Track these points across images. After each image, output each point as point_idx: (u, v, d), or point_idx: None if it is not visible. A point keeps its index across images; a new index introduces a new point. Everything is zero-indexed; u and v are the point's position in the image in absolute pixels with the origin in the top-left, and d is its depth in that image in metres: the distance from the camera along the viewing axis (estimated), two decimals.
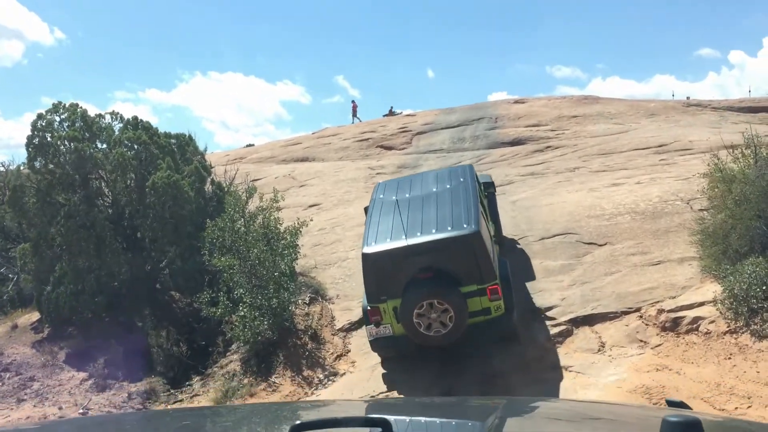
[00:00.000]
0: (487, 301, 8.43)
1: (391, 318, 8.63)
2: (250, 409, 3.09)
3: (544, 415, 2.40)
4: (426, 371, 9.14)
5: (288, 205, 18.11)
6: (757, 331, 8.28)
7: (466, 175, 9.80)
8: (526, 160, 19.82)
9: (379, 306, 8.61)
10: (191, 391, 10.13)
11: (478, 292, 8.39)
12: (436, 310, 8.36)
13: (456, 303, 8.29)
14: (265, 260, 10.48)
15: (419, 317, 8.37)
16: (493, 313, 8.51)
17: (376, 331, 8.77)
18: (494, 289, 8.44)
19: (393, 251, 8.47)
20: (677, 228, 11.06)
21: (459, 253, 8.33)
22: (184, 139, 12.98)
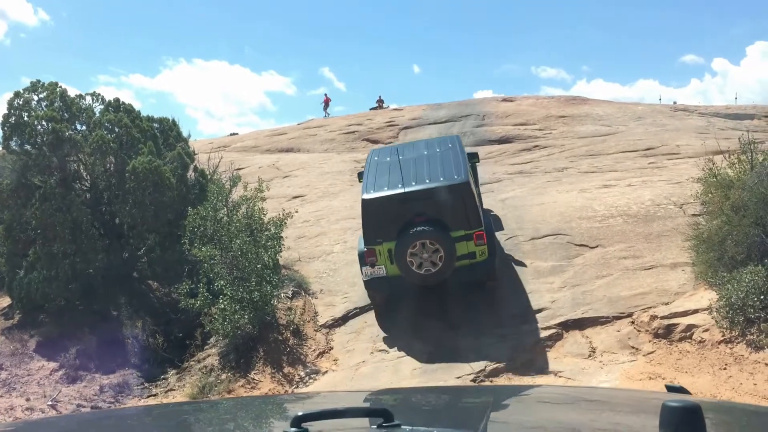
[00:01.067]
0: (473, 245, 9.26)
1: (385, 260, 9.37)
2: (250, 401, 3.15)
3: (545, 400, 2.37)
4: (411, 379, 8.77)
5: (272, 195, 17.54)
6: (754, 342, 7.98)
7: (455, 142, 10.71)
8: (513, 158, 19.49)
9: (375, 248, 9.38)
10: (166, 385, 9.66)
11: (465, 237, 9.22)
12: (428, 250, 9.11)
13: (446, 244, 9.06)
14: (248, 252, 10.02)
15: (412, 256, 9.12)
16: (477, 257, 9.32)
17: (371, 271, 9.48)
18: (480, 235, 9.29)
19: (390, 197, 9.35)
20: (670, 232, 10.77)
21: (449, 200, 9.19)
22: (167, 124, 12.45)
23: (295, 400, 2.90)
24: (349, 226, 13.47)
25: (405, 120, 25.24)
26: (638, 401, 2.31)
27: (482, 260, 9.34)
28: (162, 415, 2.47)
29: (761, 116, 23.53)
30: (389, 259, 9.31)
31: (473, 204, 9.30)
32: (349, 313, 10.44)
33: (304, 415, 1.54)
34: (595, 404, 2.25)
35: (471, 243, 9.24)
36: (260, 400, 3.49)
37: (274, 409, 2.44)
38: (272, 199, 16.64)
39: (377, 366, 9.08)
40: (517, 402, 2.36)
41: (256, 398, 4.21)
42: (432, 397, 2.64)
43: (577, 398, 2.44)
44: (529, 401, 2.40)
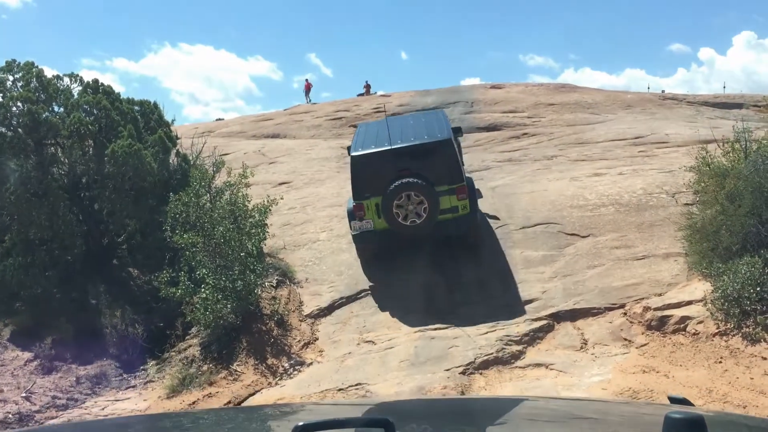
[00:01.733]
0: (455, 200, 9.80)
1: (372, 214, 9.89)
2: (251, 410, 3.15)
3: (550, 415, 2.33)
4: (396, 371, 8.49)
5: (257, 181, 17.19)
6: (749, 335, 7.76)
7: (439, 114, 11.72)
8: (502, 146, 19.20)
9: (364, 203, 9.92)
10: (146, 376, 9.32)
11: (448, 192, 9.74)
12: (413, 202, 9.61)
13: (430, 195, 9.57)
14: (231, 239, 9.67)
15: (398, 208, 9.63)
16: (460, 211, 9.85)
17: (359, 225, 10.01)
18: (462, 189, 9.83)
19: (377, 153, 9.93)
20: (662, 222, 10.53)
21: (434, 156, 9.81)
22: (148, 107, 12.01)
23: (295, 409, 2.88)
24: (336, 213, 13.15)
25: (393, 106, 24.82)
26: (634, 416, 2.26)
27: (464, 214, 9.87)
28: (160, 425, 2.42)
29: (749, 105, 23.39)
30: (377, 214, 9.84)
31: (456, 160, 9.89)
32: (335, 303, 10.14)
33: (305, 425, 1.52)
34: (603, 420, 2.17)
35: (454, 197, 9.76)
36: (261, 409, 3.44)
37: (275, 418, 2.42)
38: (257, 185, 16.30)
39: (364, 358, 8.79)
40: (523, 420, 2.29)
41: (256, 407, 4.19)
42: (433, 409, 2.65)
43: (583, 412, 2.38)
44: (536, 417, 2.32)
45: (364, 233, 10.04)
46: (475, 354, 8.51)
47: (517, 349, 8.62)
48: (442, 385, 7.83)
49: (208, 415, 3.00)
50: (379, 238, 10.05)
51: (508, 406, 2.54)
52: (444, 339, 8.90)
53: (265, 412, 2.77)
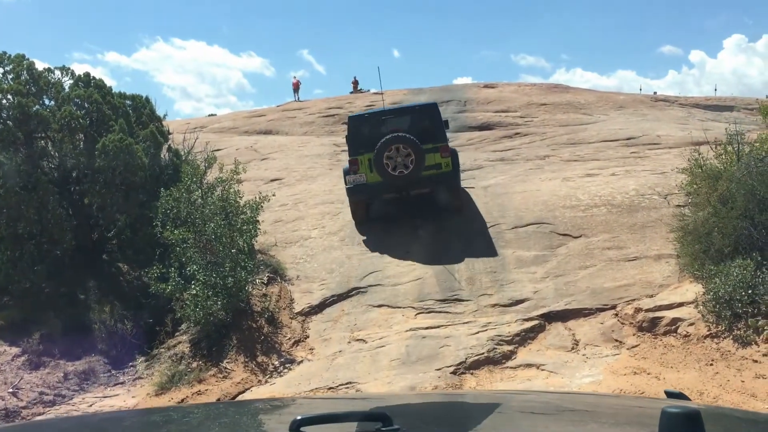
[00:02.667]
0: (439, 157, 10.92)
1: (365, 168, 10.98)
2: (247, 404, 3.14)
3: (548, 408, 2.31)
4: None
5: (249, 178, 17.08)
6: (741, 337, 7.72)
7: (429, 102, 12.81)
8: (494, 145, 19.16)
9: (358, 158, 11.04)
10: (134, 372, 9.21)
11: (433, 150, 10.88)
12: (401, 154, 10.73)
13: (416, 148, 10.69)
14: (222, 235, 9.57)
15: (388, 159, 10.72)
16: (443, 168, 10.93)
17: (353, 179, 11.10)
18: (445, 148, 11.08)
19: (372, 114, 11.73)
20: (654, 223, 10.50)
21: (421, 118, 11.24)
22: (140, 101, 11.87)
23: (292, 404, 2.89)
24: (328, 210, 13.06)
25: (386, 104, 24.75)
26: (631, 411, 2.25)
27: (447, 171, 10.93)
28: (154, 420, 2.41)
29: (741, 108, 23.44)
30: (369, 168, 10.91)
31: (440, 122, 11.26)
32: (327, 301, 10.05)
33: (303, 419, 1.53)
34: (598, 414, 2.15)
35: (438, 155, 10.88)
36: (257, 403, 3.44)
37: (272, 412, 2.42)
38: (249, 181, 16.20)
39: (354, 356, 8.71)
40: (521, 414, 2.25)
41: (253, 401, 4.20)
42: (430, 403, 2.65)
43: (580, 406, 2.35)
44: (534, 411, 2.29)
45: (357, 186, 11.06)
46: (466, 353, 8.44)
47: (508, 349, 8.56)
48: (433, 385, 7.76)
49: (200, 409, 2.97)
50: (370, 190, 11.11)
51: (505, 400, 2.54)
52: (435, 338, 8.83)
53: (261, 406, 2.76)
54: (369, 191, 11.14)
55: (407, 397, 3.96)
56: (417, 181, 10.86)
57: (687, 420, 1.39)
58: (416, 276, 10.19)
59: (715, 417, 2.00)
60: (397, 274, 10.31)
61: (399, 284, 10.11)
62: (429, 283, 10.00)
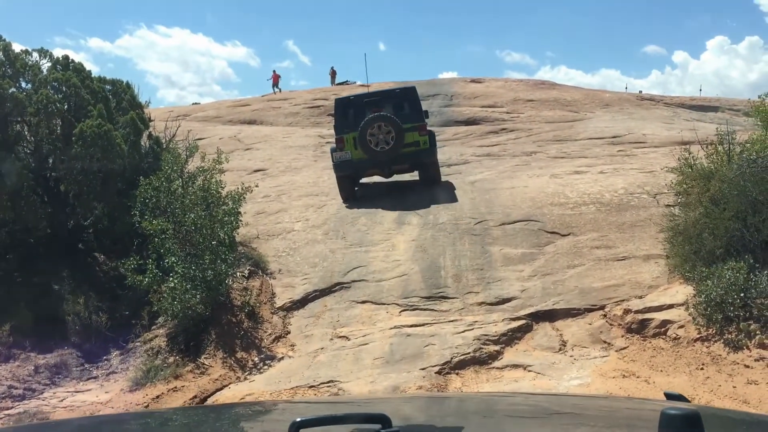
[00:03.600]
0: (417, 135, 11.91)
1: (350, 146, 11.93)
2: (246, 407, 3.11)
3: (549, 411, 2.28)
4: None
5: (231, 168, 16.63)
6: (732, 341, 7.51)
7: None
8: (480, 140, 18.91)
9: (344, 136, 12.01)
10: (108, 367, 8.83)
11: (412, 129, 11.87)
12: (383, 131, 11.69)
13: (396, 126, 11.67)
14: (203, 227, 9.21)
15: (371, 136, 11.70)
16: (421, 145, 11.95)
17: (339, 155, 12.06)
18: (423, 127, 12.09)
19: (356, 96, 13.03)
20: (643, 222, 10.28)
21: (401, 100, 12.27)
22: (120, 86, 11.44)
23: (291, 405, 2.90)
24: (312, 203, 12.73)
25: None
26: (630, 412, 2.22)
27: (425, 148, 11.94)
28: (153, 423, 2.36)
29: (725, 108, 23.38)
30: (353, 146, 11.86)
31: (418, 105, 12.33)
32: (309, 296, 9.73)
33: (302, 421, 1.53)
34: (596, 417, 2.12)
35: (416, 134, 11.86)
36: (256, 405, 3.47)
37: (271, 414, 2.41)
38: (232, 171, 15.79)
39: (337, 354, 8.40)
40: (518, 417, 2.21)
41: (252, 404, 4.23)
42: (429, 404, 2.64)
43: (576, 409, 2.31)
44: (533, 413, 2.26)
45: (343, 162, 11.97)
46: (451, 353, 8.17)
47: (494, 349, 8.30)
48: (417, 385, 7.48)
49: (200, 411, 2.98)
50: (355, 165, 12.03)
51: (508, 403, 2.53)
52: (420, 336, 8.55)
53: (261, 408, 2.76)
54: (354, 167, 12.07)
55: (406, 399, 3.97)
56: (397, 157, 11.88)
57: (686, 421, 1.38)
58: (401, 272, 9.90)
59: (714, 419, 1.97)
60: (381, 270, 10.01)
61: (383, 280, 9.81)
62: (414, 280, 9.71)
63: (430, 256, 10.10)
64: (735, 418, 2.18)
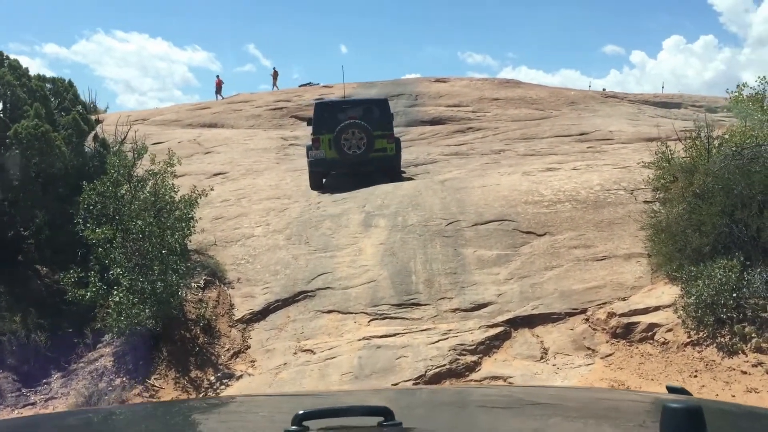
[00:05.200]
0: (385, 143, 12.92)
1: (325, 146, 12.76)
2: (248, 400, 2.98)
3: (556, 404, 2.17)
4: None
5: (190, 172, 15.74)
6: (726, 345, 6.89)
7: None
8: (447, 140, 18.24)
9: (320, 137, 12.81)
10: (48, 391, 7.85)
11: (381, 136, 12.81)
12: (356, 137, 12.64)
13: (368, 133, 12.60)
14: (151, 234, 8.30)
15: (345, 140, 12.62)
16: (388, 152, 12.97)
17: (314, 154, 12.86)
18: (391, 135, 13.13)
19: (334, 102, 14.41)
20: (621, 220, 9.66)
21: (374, 109, 13.30)
22: (62, 85, 10.42)
23: (294, 398, 2.79)
24: (274, 206, 11.87)
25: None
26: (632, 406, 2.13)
27: (391, 154, 13.02)
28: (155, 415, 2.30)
29: (688, 105, 23.13)
30: (328, 146, 12.69)
31: (389, 115, 13.32)
32: (270, 306, 8.88)
33: (305, 413, 1.50)
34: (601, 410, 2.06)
35: (384, 141, 12.86)
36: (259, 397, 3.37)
37: (274, 407, 2.36)
38: (190, 176, 14.87)
39: (301, 370, 7.57)
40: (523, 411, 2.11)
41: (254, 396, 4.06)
42: (432, 397, 2.61)
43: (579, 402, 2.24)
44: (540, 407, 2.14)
45: (317, 160, 12.76)
46: (425, 366, 7.41)
47: (471, 359, 7.56)
48: None
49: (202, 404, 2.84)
50: (328, 164, 12.87)
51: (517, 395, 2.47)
52: (391, 348, 7.77)
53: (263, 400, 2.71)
54: (327, 165, 12.90)
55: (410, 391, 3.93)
56: (367, 161, 12.76)
57: (689, 415, 1.35)
58: (369, 278, 9.11)
59: (716, 412, 1.94)
60: (348, 276, 9.20)
61: (350, 287, 9.01)
62: (383, 286, 8.93)
63: (399, 261, 9.33)
64: (736, 412, 2.14)
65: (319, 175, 13.11)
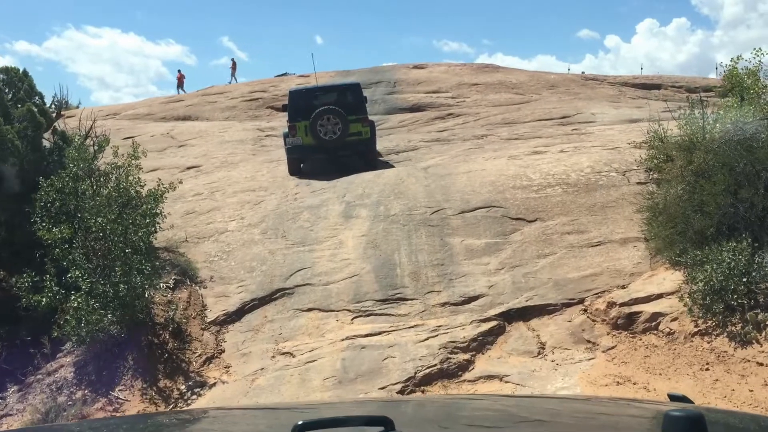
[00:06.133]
0: (360, 126, 12.75)
1: (302, 133, 12.68)
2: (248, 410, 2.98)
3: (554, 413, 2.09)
4: None
5: (162, 166, 14.94)
6: (738, 335, 6.29)
7: None
8: (427, 126, 17.53)
9: (296, 124, 12.73)
10: (3, 407, 7.09)
11: (356, 120, 12.71)
12: (331, 123, 12.53)
13: (342, 118, 12.49)
14: (113, 232, 7.53)
15: (320, 126, 12.51)
16: (363, 135, 12.80)
17: (292, 141, 12.73)
18: (365, 119, 12.96)
19: (308, 89, 14.18)
20: (615, 203, 9.04)
21: (347, 94, 13.23)
22: (16, 75, 9.56)
23: (293, 408, 2.64)
24: (249, 199, 11.12)
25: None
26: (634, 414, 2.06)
27: (366, 138, 12.84)
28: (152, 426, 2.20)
29: (668, 86, 22.58)
30: (304, 133, 12.64)
31: (362, 99, 13.20)
32: (246, 306, 8.15)
33: (305, 424, 1.46)
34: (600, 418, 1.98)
35: (359, 125, 12.72)
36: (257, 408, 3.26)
37: (273, 416, 2.30)
38: (163, 170, 14.08)
39: (280, 375, 6.87)
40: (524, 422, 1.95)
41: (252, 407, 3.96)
42: (432, 406, 2.54)
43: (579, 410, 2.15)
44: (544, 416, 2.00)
45: (294, 146, 12.72)
46: (415, 366, 6.75)
47: (464, 357, 6.91)
48: None
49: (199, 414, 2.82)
50: (305, 150, 12.81)
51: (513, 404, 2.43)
52: (377, 348, 7.09)
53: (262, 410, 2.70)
54: (304, 151, 12.83)
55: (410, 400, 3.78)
56: (343, 145, 12.70)
57: (691, 423, 1.32)
58: (352, 272, 8.41)
59: (718, 420, 1.85)
60: (328, 271, 8.50)
61: (331, 282, 8.31)
62: (367, 280, 8.24)
63: (383, 253, 8.63)
64: (739, 419, 2.05)
65: (297, 161, 13.01)
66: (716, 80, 24.38)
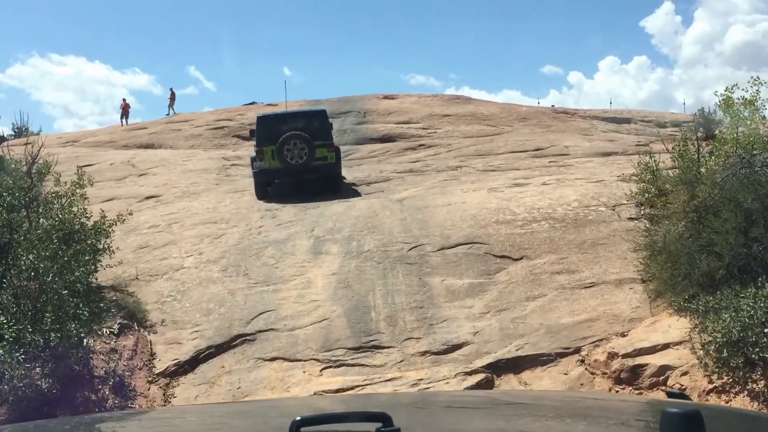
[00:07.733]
0: (326, 152, 12.76)
1: (269, 157, 12.60)
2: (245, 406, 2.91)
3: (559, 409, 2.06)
4: None
5: (119, 195, 13.80)
6: (761, 393, 5.44)
7: None
8: (399, 157, 16.73)
9: (264, 149, 12.63)
10: None
11: (322, 145, 12.69)
12: (298, 147, 12.54)
13: (309, 143, 12.51)
14: (46, 271, 6.41)
15: (288, 151, 12.48)
16: (329, 160, 12.80)
17: (259, 165, 12.62)
18: (331, 144, 13.01)
19: (276, 115, 14.52)
20: (606, 240, 8.23)
21: (314, 121, 13.29)
22: None
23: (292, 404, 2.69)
24: (209, 232, 10.04)
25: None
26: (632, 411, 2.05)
27: (331, 162, 12.87)
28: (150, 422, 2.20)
29: (637, 120, 22.29)
30: (272, 157, 12.59)
31: (328, 125, 13.33)
32: (201, 354, 7.06)
33: (303, 420, 1.39)
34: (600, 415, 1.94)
35: (325, 150, 12.75)
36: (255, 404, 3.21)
37: (271, 413, 2.17)
38: (119, 199, 12.97)
39: None
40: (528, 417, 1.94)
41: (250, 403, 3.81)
42: (430, 403, 2.45)
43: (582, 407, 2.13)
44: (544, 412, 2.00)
45: (262, 170, 12.67)
46: None
47: None
48: None
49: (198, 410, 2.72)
50: (272, 174, 12.81)
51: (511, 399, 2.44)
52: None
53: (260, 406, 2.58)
54: (271, 175, 12.83)
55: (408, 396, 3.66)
56: (309, 169, 12.67)
57: (687, 419, 1.29)
58: (320, 315, 7.39)
59: (715, 416, 1.83)
60: (295, 314, 7.46)
61: (298, 328, 7.27)
62: (337, 325, 7.22)
63: (356, 294, 7.64)
64: (736, 415, 2.06)
65: (264, 185, 13.02)
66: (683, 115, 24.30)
